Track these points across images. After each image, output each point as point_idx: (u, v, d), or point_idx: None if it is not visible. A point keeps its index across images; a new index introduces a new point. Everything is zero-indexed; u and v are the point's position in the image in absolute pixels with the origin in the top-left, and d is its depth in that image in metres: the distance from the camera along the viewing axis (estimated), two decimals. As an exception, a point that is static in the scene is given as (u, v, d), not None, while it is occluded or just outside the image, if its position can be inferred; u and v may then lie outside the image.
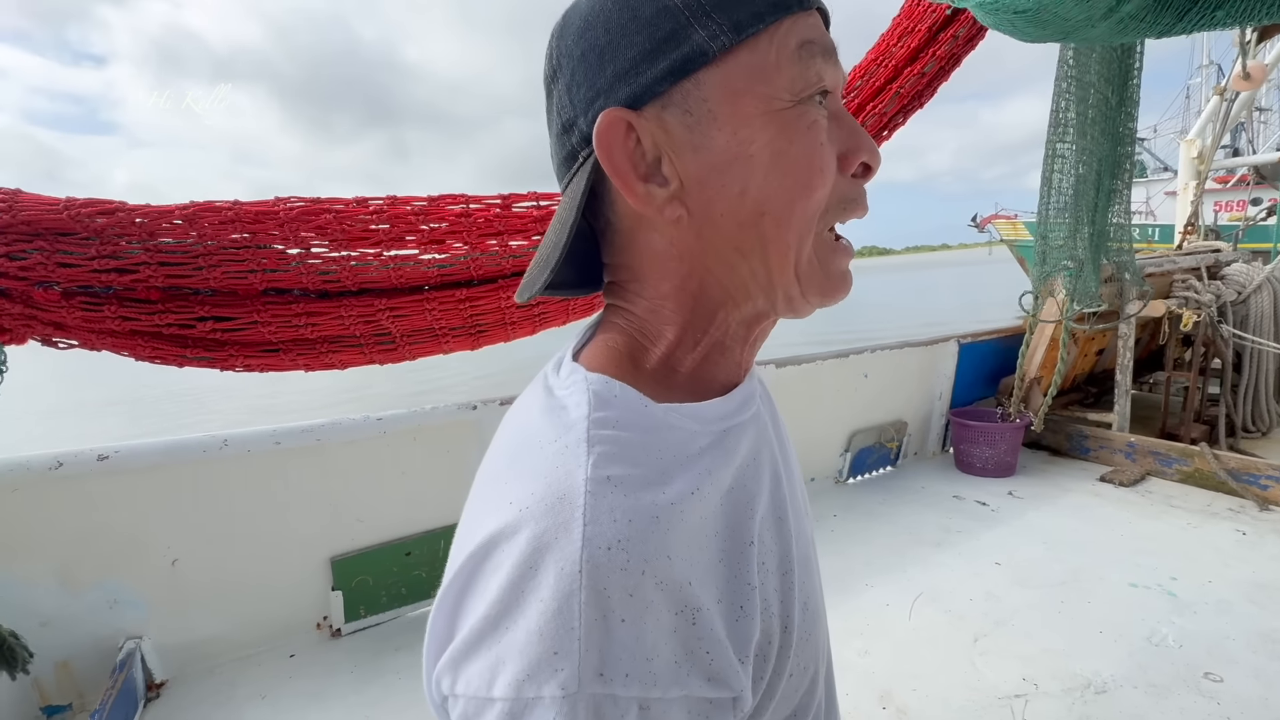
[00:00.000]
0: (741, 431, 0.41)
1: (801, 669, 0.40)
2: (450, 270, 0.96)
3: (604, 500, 0.31)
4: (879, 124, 1.15)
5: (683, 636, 0.30)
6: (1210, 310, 3.22)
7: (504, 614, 0.30)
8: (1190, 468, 2.84)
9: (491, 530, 0.32)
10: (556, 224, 0.40)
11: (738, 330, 0.43)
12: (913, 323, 18.85)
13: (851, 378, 3.01)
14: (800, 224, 0.38)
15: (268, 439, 1.74)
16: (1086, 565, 2.19)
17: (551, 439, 0.35)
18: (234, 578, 1.79)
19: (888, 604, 2.02)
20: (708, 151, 0.37)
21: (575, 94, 0.38)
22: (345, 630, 1.95)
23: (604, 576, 0.29)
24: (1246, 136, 16.47)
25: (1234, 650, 1.71)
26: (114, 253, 0.80)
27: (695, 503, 0.34)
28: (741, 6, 0.36)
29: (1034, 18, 0.89)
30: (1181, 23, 0.86)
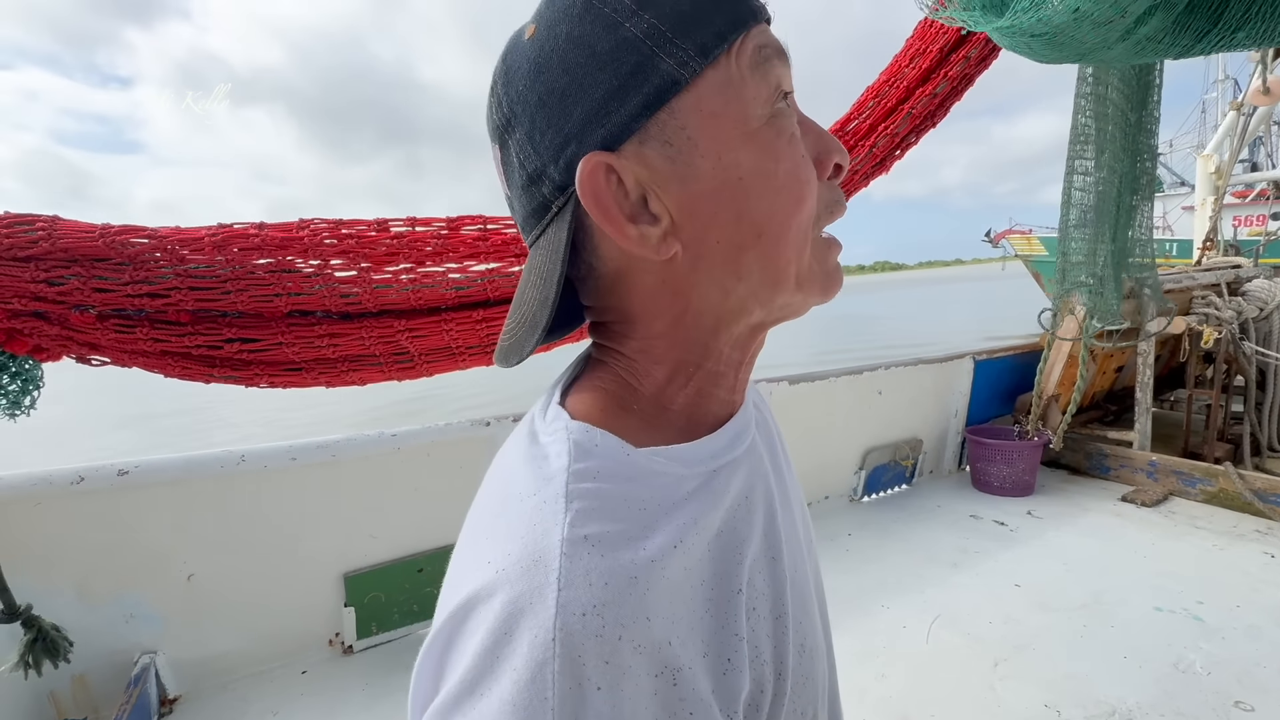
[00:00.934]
0: (733, 470, 0.40)
1: (798, 714, 0.39)
2: (468, 292, 0.98)
3: (579, 563, 0.30)
4: (891, 144, 1.15)
5: (664, 699, 0.30)
6: (1232, 327, 3.17)
7: (479, 680, 0.29)
8: (1215, 488, 2.78)
9: (470, 591, 0.32)
10: (537, 279, 0.39)
11: (731, 354, 0.42)
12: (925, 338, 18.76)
13: (866, 395, 2.98)
14: (797, 237, 0.38)
15: (284, 455, 1.76)
16: (1109, 588, 2.14)
17: (531, 492, 0.34)
18: (248, 593, 1.80)
19: (904, 625, 1.99)
20: (694, 180, 0.36)
21: (539, 142, 0.37)
22: (357, 647, 1.95)
23: (579, 644, 0.28)
24: (1265, 150, 16.29)
25: (1265, 678, 1.65)
26: (146, 277, 0.82)
27: (678, 556, 0.33)
28: (703, 28, 0.35)
29: (1051, 41, 0.89)
30: (1200, 44, 0.86)
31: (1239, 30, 0.82)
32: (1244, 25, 0.81)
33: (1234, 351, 3.21)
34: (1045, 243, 15.31)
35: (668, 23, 0.34)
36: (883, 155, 1.16)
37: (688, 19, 0.35)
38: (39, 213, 0.84)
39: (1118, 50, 0.88)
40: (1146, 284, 2.84)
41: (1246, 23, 0.81)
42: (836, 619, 2.20)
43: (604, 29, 0.35)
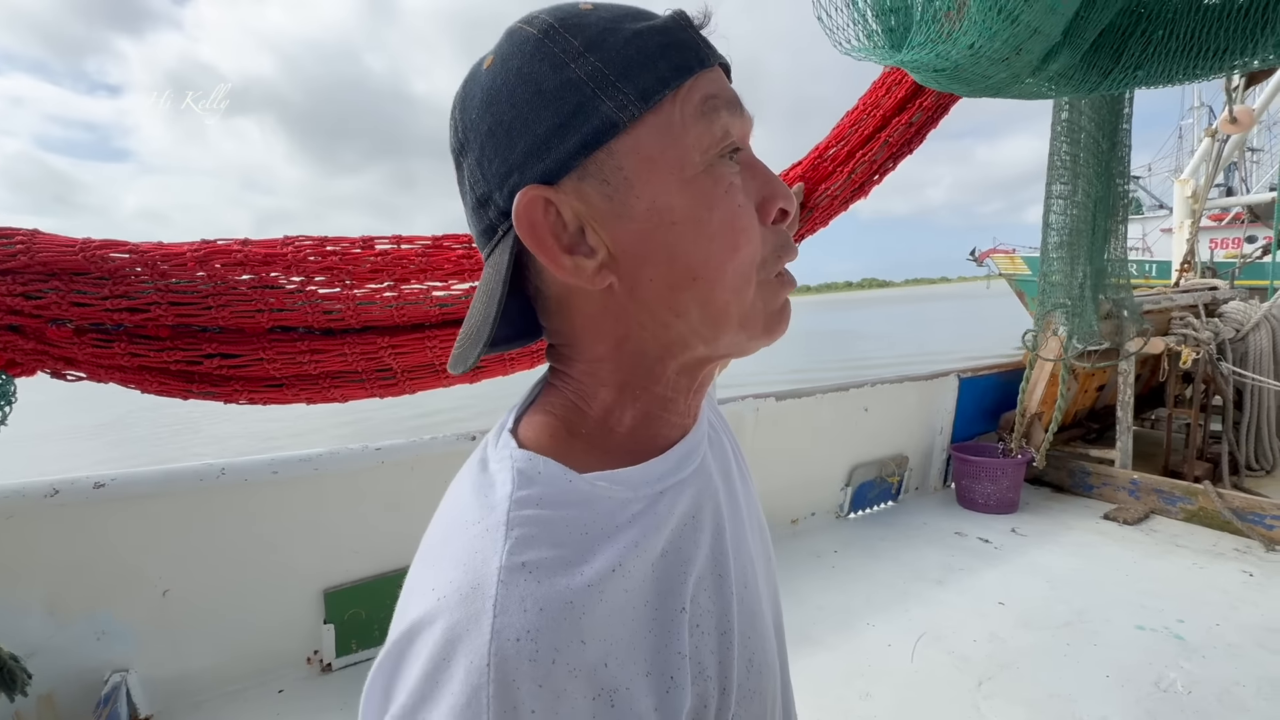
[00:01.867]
0: (679, 491, 0.41)
1: None
2: (452, 309, 0.98)
3: (515, 590, 0.31)
4: (869, 170, 1.18)
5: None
6: (1209, 348, 3.23)
7: (419, 705, 0.30)
8: (1194, 506, 2.82)
9: (414, 618, 0.32)
10: (483, 296, 0.40)
11: (679, 381, 0.43)
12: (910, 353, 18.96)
13: (851, 411, 3.00)
14: (735, 280, 0.39)
15: (265, 468, 1.74)
16: (1092, 606, 2.15)
17: (475, 520, 0.35)
18: (224, 609, 1.77)
19: (889, 644, 1.98)
20: (630, 219, 0.37)
21: (487, 169, 0.38)
22: (336, 665, 1.91)
23: (512, 669, 0.29)
24: (1239, 175, 16.72)
25: (1245, 698, 1.67)
26: (126, 292, 0.81)
27: (617, 579, 0.34)
28: (645, 74, 0.36)
29: (954, 76, 0.92)
30: (1107, 81, 0.90)
31: (1138, 69, 0.86)
32: (1142, 65, 0.86)
33: (1212, 372, 3.28)
34: (1028, 262, 15.57)
35: (612, 67, 0.35)
36: (861, 181, 1.19)
37: (632, 64, 0.36)
38: (21, 223, 0.83)
39: (1030, 85, 0.92)
40: (1124, 305, 2.90)
41: (1144, 62, 0.85)
42: (823, 637, 2.20)
43: (551, 68, 0.36)
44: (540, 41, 0.36)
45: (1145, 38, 0.91)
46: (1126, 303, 2.92)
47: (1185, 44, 0.90)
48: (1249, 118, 4.02)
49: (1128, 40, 0.92)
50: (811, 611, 2.19)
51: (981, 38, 0.84)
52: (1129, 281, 2.90)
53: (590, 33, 0.36)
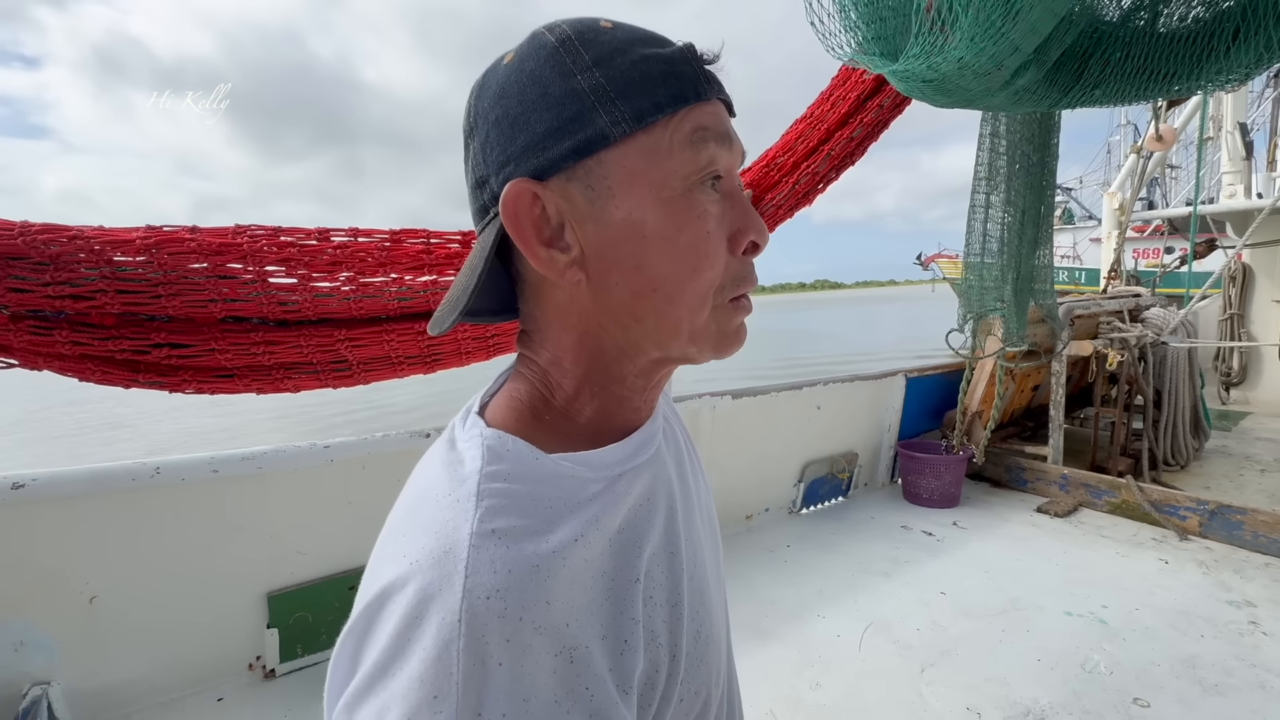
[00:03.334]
0: (636, 475, 0.44)
1: (693, 694, 0.43)
2: (410, 303, 0.96)
3: (485, 553, 0.33)
4: (812, 181, 1.24)
5: (562, 676, 0.33)
6: (1133, 351, 3.45)
7: (391, 662, 0.32)
8: (1118, 499, 3.01)
9: (386, 582, 0.34)
10: (468, 269, 0.43)
11: (636, 381, 0.45)
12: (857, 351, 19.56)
13: (805, 409, 3.07)
14: (691, 301, 0.42)
15: (204, 466, 1.66)
16: (1025, 594, 2.27)
17: (445, 493, 0.37)
18: (158, 616, 1.68)
19: (839, 635, 2.05)
20: (606, 225, 0.40)
21: (489, 155, 0.41)
22: (280, 671, 1.84)
23: (482, 625, 0.31)
24: (1161, 190, 17.90)
25: (1159, 676, 1.79)
26: (70, 279, 0.76)
27: (579, 549, 0.36)
28: (644, 96, 0.39)
29: (940, 87, 0.98)
30: (1067, 98, 0.97)
31: (1097, 88, 0.94)
32: (1100, 84, 0.93)
33: (1135, 373, 3.50)
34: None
35: (614, 84, 0.38)
36: (805, 190, 1.24)
37: (633, 85, 0.39)
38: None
39: (999, 98, 0.99)
40: (1048, 310, 3.07)
41: (1103, 81, 0.93)
42: (775, 629, 2.25)
43: (560, 75, 0.39)
44: (556, 50, 0.39)
45: (1104, 59, 0.98)
46: (1050, 308, 3.10)
47: (1139, 67, 0.98)
48: (1172, 136, 4.32)
49: (1088, 61, 0.99)
50: (764, 605, 2.24)
51: (970, 53, 0.89)
52: (1052, 287, 3.08)
53: (602, 50, 0.39)
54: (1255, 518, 2.58)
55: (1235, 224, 5.65)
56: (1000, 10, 0.80)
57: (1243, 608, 2.14)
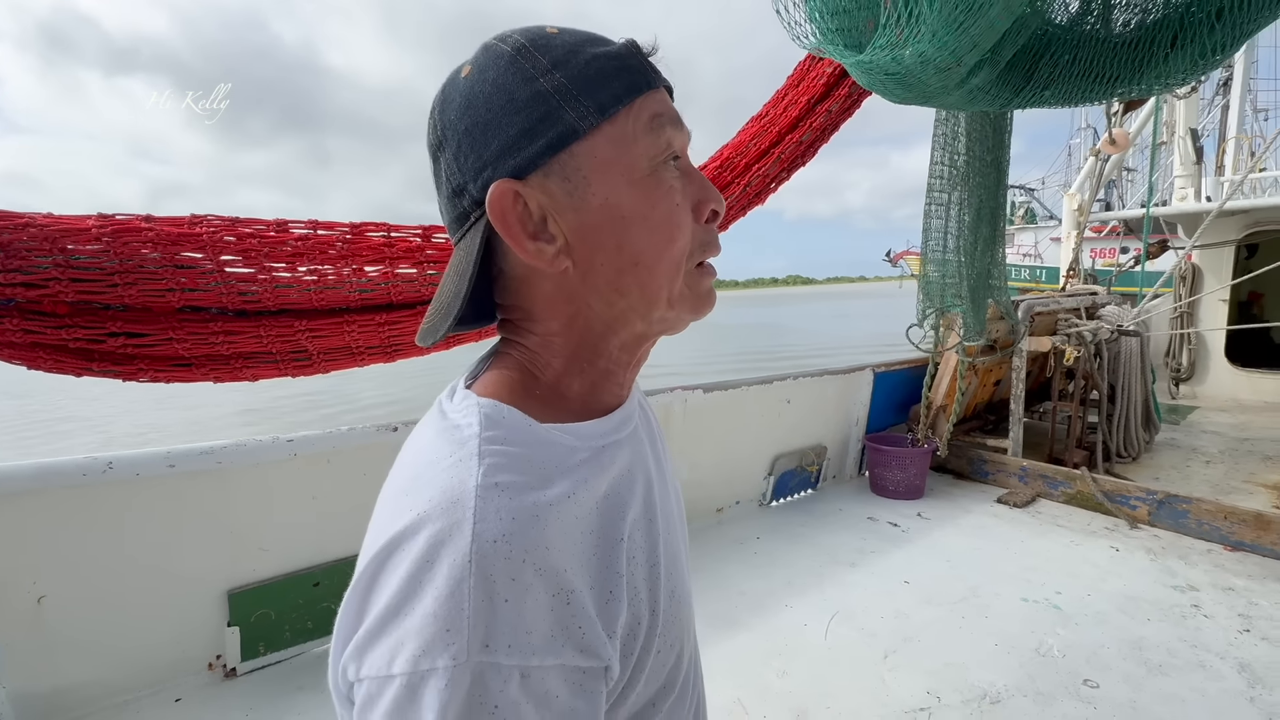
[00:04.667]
0: (618, 448, 0.47)
1: (668, 647, 0.47)
2: (371, 295, 0.94)
3: (491, 503, 0.37)
4: (763, 183, 1.27)
5: (558, 614, 0.36)
6: (1089, 347, 3.58)
7: (404, 602, 0.35)
8: (1073, 490, 3.12)
9: (394, 532, 0.37)
10: (454, 276, 0.46)
11: (620, 356, 0.49)
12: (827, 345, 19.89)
13: (774, 404, 3.11)
14: (668, 268, 0.46)
15: (160, 461, 1.61)
16: (984, 582, 2.34)
17: (446, 454, 0.40)
18: (112, 616, 1.63)
19: (805, 624, 2.09)
20: (586, 212, 0.44)
21: (463, 163, 0.44)
22: (241, 670, 1.80)
23: (490, 565, 0.35)
24: (1118, 192, 18.52)
25: (1108, 658, 1.87)
26: (21, 266, 0.73)
27: (571, 505, 0.40)
28: (602, 90, 0.42)
29: (900, 80, 1.01)
30: (1018, 98, 1.01)
31: (1046, 89, 0.98)
32: (1050, 85, 0.98)
33: (1090, 368, 3.63)
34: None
35: (575, 83, 0.42)
36: (757, 190, 1.27)
37: (592, 82, 0.42)
38: None
39: (956, 96, 1.03)
40: (1003, 305, 3.17)
41: (1051, 83, 0.97)
42: (744, 619, 2.28)
43: (523, 81, 0.42)
44: (513, 57, 0.43)
45: (1053, 61, 1.02)
46: (1006, 305, 3.19)
47: (1085, 69, 1.02)
48: (1125, 140, 4.47)
49: (1039, 62, 1.03)
50: (734, 596, 2.27)
51: (932, 46, 0.92)
52: (1007, 284, 3.17)
53: (557, 53, 0.42)
54: (1200, 507, 2.70)
55: (1186, 226, 5.88)
56: (964, 6, 0.82)
57: (1186, 592, 2.25)
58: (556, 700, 0.35)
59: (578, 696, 0.36)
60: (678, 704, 0.49)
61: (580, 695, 0.36)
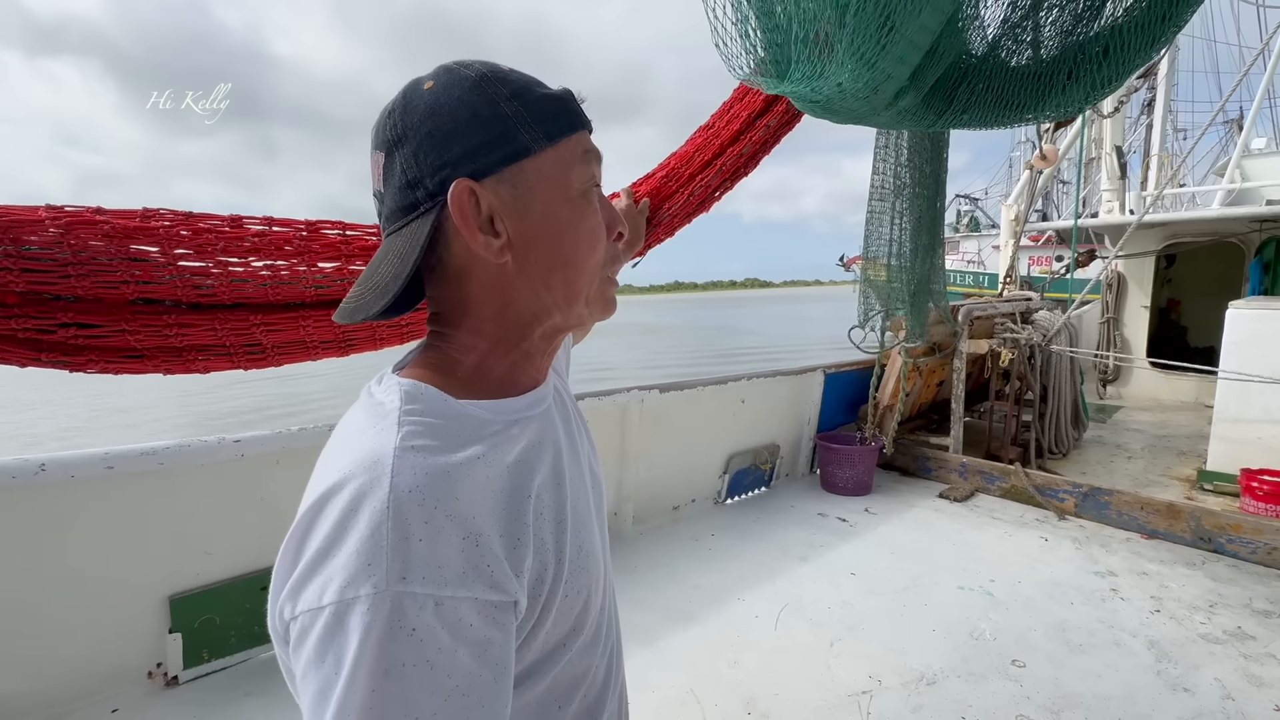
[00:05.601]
0: (528, 424, 0.54)
1: (576, 592, 0.53)
2: (327, 291, 0.95)
3: (406, 460, 0.43)
4: (706, 192, 1.34)
5: (468, 554, 0.42)
6: (1023, 349, 3.79)
7: (331, 546, 0.40)
8: (1008, 484, 3.30)
9: (323, 489, 0.43)
10: (394, 258, 0.51)
11: (539, 343, 0.57)
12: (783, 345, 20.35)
13: (729, 403, 3.19)
14: (589, 273, 0.56)
15: (98, 463, 1.55)
16: (925, 572, 2.46)
17: (370, 425, 0.46)
18: (45, 624, 1.56)
19: (756, 616, 2.16)
20: (528, 217, 0.51)
21: (422, 160, 0.49)
22: (184, 678, 1.75)
23: (405, 511, 0.40)
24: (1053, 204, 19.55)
25: (1034, 640, 2.00)
26: None
27: (482, 465, 0.46)
28: (552, 122, 0.51)
29: (826, 106, 1.10)
30: (941, 120, 1.10)
31: (965, 112, 1.08)
32: (967, 109, 1.07)
33: (1024, 370, 3.84)
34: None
35: (530, 113, 0.51)
36: (700, 200, 1.35)
37: (544, 115, 0.51)
38: None
39: (884, 117, 1.12)
40: (942, 309, 3.34)
41: (969, 107, 1.07)
42: (698, 613, 2.33)
43: (486, 102, 0.50)
44: (477, 82, 0.50)
45: (970, 88, 1.12)
46: (944, 309, 3.36)
47: (997, 97, 1.13)
48: (1055, 155, 4.75)
49: (957, 89, 1.13)
50: (688, 590, 2.32)
51: (847, 78, 1.00)
52: (946, 289, 3.34)
53: (515, 87, 0.51)
54: (1120, 498, 2.91)
55: (1112, 236, 6.28)
56: (871, 43, 0.90)
57: (1106, 577, 2.41)
58: (470, 629, 0.41)
59: (491, 626, 0.42)
60: (589, 647, 0.57)
61: (493, 626, 0.42)
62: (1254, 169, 7.82)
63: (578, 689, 0.56)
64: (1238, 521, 2.59)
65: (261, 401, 13.33)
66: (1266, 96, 7.44)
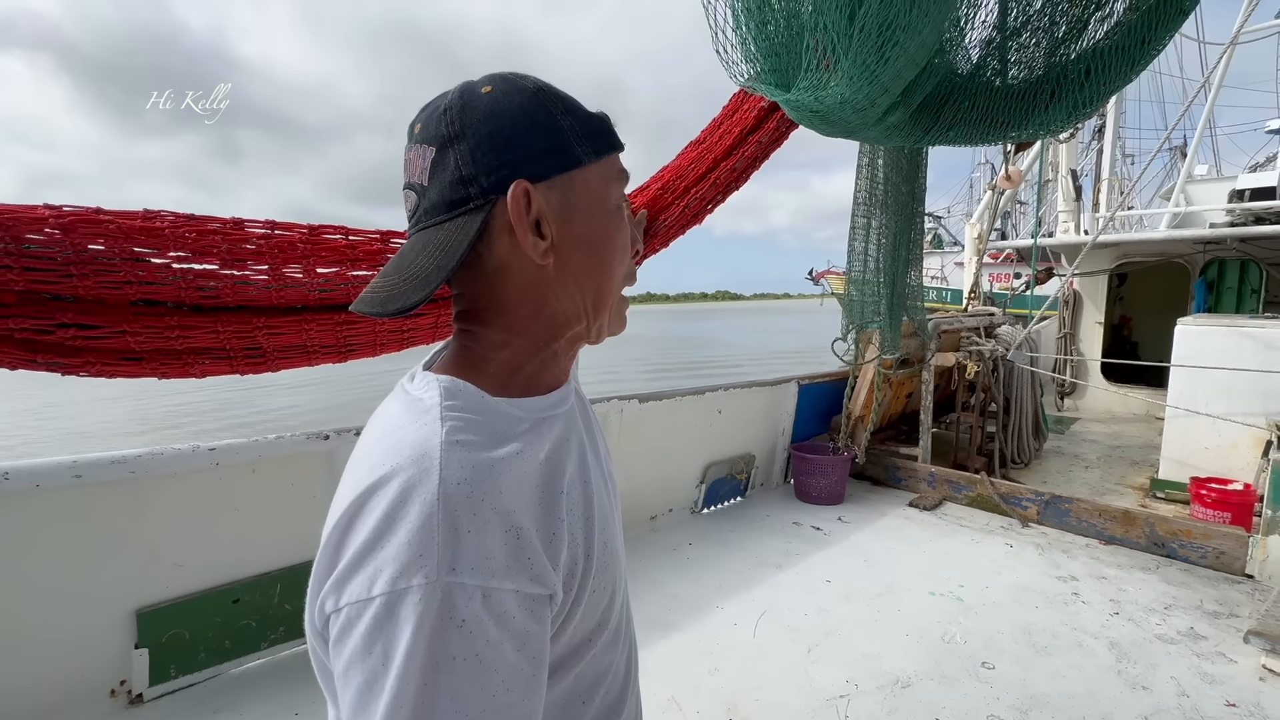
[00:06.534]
0: (554, 421, 0.56)
1: (602, 588, 0.55)
2: (331, 295, 0.95)
3: (454, 454, 0.44)
4: (700, 204, 1.39)
5: (511, 547, 0.43)
6: (987, 362, 3.92)
7: (380, 536, 0.41)
8: (974, 493, 3.40)
9: (369, 483, 0.43)
10: (436, 251, 0.51)
11: (566, 346, 0.59)
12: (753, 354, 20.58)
13: (707, 413, 3.23)
14: (615, 283, 0.59)
15: (65, 471, 1.50)
16: (898, 579, 2.52)
17: (412, 420, 0.47)
18: (2, 639, 1.49)
19: (735, 623, 2.18)
20: (572, 224, 0.54)
21: (479, 159, 0.51)
22: (149, 695, 1.69)
23: (455, 503, 0.42)
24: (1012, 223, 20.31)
25: (1002, 642, 2.07)
26: None
27: (519, 460, 0.48)
28: (598, 140, 0.55)
29: (824, 117, 1.15)
30: (929, 136, 1.17)
31: (951, 129, 1.15)
32: (954, 126, 1.14)
33: (989, 382, 3.98)
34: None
35: (582, 128, 0.55)
36: (694, 212, 1.40)
37: (591, 131, 0.55)
38: None
39: (874, 132, 1.19)
40: (917, 322, 3.45)
41: (955, 124, 1.14)
42: (678, 622, 2.34)
43: (545, 113, 0.53)
44: (535, 93, 0.53)
45: (956, 106, 1.18)
46: (920, 322, 3.47)
47: (982, 115, 1.20)
48: (1018, 177, 4.96)
49: (944, 106, 1.19)
50: (668, 600, 2.34)
51: (848, 90, 1.05)
52: (922, 304, 3.45)
53: (566, 103, 0.55)
54: (1079, 506, 3.03)
55: (1068, 255, 6.56)
56: (874, 57, 0.95)
57: (1068, 581, 2.51)
58: (513, 620, 0.42)
59: (530, 619, 0.43)
60: (611, 644, 0.58)
61: (532, 619, 0.44)
62: (1197, 194, 8.27)
63: (600, 685, 0.58)
64: (1189, 528, 2.73)
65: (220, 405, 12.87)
66: (1208, 126, 7.89)
